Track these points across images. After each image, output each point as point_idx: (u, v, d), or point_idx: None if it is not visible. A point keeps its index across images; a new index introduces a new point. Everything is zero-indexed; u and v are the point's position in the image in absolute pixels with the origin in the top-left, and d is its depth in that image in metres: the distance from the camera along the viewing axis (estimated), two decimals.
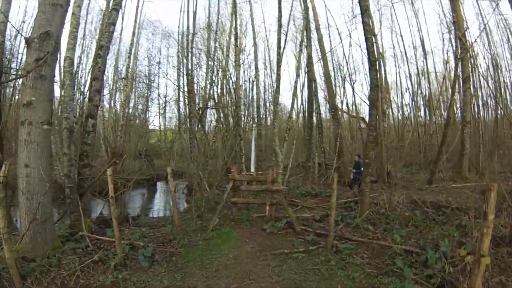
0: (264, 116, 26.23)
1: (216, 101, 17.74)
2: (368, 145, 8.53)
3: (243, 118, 21.03)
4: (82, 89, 20.23)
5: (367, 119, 18.90)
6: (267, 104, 26.43)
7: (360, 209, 8.42)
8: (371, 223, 7.86)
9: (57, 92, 17.80)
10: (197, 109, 15.78)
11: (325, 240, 6.73)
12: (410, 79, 20.64)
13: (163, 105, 27.71)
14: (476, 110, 18.26)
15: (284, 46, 13.94)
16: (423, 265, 5.40)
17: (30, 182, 5.27)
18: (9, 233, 5.67)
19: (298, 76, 13.26)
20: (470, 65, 14.20)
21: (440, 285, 4.76)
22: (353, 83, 20.60)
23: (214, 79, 18.05)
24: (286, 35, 15.57)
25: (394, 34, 21.40)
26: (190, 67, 15.88)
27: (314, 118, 17.30)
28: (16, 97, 18.81)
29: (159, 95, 27.60)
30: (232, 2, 17.80)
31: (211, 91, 17.82)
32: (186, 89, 17.38)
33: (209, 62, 18.48)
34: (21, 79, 5.50)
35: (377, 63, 8.78)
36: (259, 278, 5.46)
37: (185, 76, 17.66)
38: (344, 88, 20.64)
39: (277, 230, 7.86)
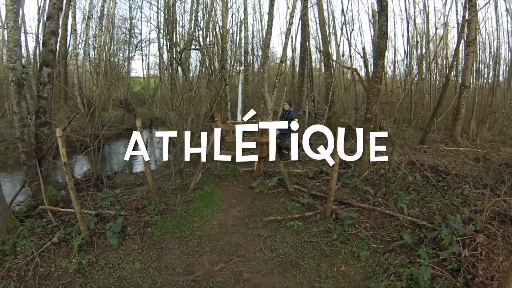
0: (251, 62, 24.80)
1: (201, 43, 15.96)
2: (371, 99, 7.52)
3: (229, 61, 19.54)
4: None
5: (359, 71, 18.26)
6: (255, 50, 25.01)
7: (358, 168, 7.65)
8: (370, 184, 7.19)
9: None
10: (178, 51, 14.11)
11: (322, 204, 6.03)
12: (408, 37, 19.57)
13: (140, 46, 25.62)
14: (474, 76, 17.92)
15: None
16: (433, 241, 4.86)
17: None
18: None
19: (292, 17, 11.70)
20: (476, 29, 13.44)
21: (456, 269, 4.23)
22: (350, 32, 19.71)
23: (199, 20, 16.16)
24: None
25: None
26: (170, 3, 13.88)
27: (306, 65, 16.03)
28: None
29: (141, 40, 25.37)
30: None
31: (196, 34, 16.01)
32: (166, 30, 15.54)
33: (194, 5, 16.49)
34: None
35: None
36: (249, 253, 4.75)
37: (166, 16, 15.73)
38: (337, 39, 19.39)
39: (267, 189, 7.03)
